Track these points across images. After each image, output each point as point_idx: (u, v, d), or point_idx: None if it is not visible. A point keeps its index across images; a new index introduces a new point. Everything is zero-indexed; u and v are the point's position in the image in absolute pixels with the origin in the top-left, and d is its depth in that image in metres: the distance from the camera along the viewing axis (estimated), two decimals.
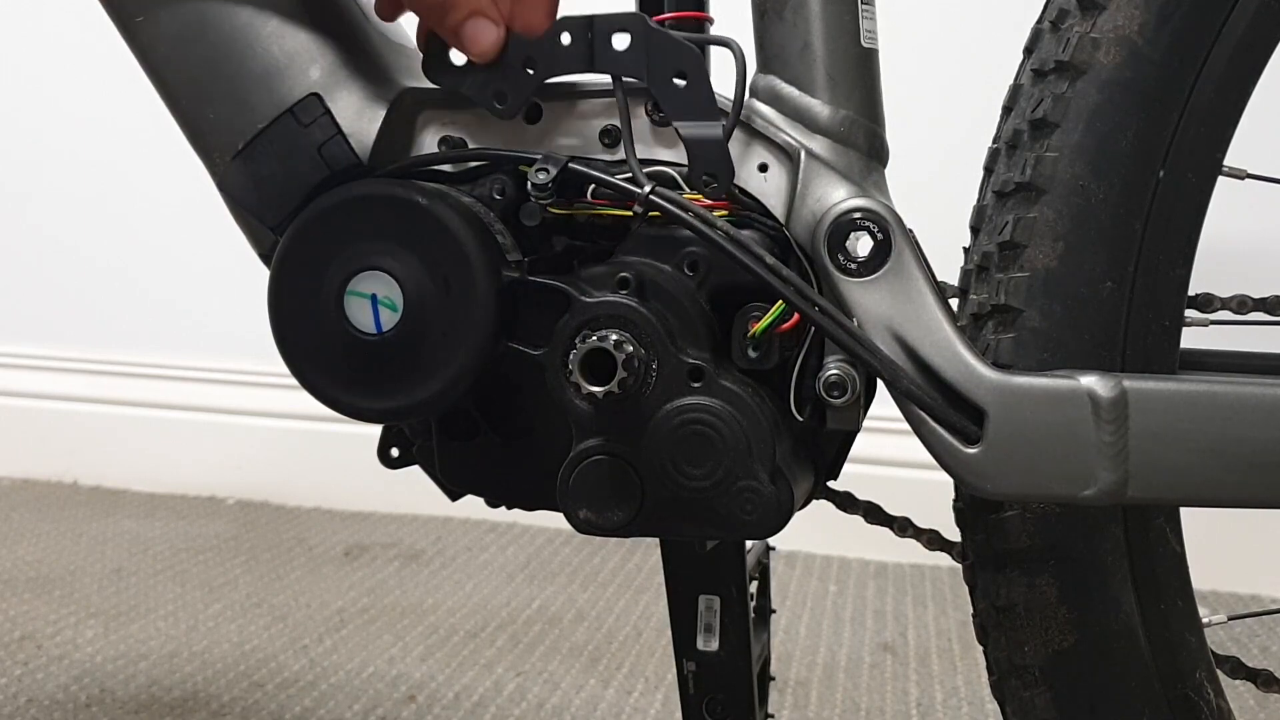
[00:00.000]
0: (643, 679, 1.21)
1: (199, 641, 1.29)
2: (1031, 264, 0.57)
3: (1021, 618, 0.59)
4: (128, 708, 1.13)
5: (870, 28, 0.60)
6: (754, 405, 0.55)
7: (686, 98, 0.57)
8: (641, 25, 0.57)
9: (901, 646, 1.30)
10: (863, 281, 0.56)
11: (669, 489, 0.56)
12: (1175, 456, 0.52)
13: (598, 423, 0.56)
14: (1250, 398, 0.52)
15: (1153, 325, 0.57)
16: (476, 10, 0.56)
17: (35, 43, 1.84)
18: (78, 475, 1.87)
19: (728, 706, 0.68)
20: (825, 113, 0.59)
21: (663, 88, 0.57)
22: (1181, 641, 0.59)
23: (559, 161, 0.57)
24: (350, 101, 0.60)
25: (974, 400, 0.54)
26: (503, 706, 1.14)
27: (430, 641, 1.30)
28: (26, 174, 1.88)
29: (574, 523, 0.58)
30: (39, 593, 1.42)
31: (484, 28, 0.56)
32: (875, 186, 0.59)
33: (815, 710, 1.15)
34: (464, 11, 0.56)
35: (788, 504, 0.56)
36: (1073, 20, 0.57)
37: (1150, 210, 0.56)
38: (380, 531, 1.68)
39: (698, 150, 0.57)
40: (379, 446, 0.65)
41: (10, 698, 1.15)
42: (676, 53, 0.57)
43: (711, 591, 0.68)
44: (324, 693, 1.17)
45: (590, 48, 0.57)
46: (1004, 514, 0.58)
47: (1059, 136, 0.56)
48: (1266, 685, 0.67)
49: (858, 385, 0.57)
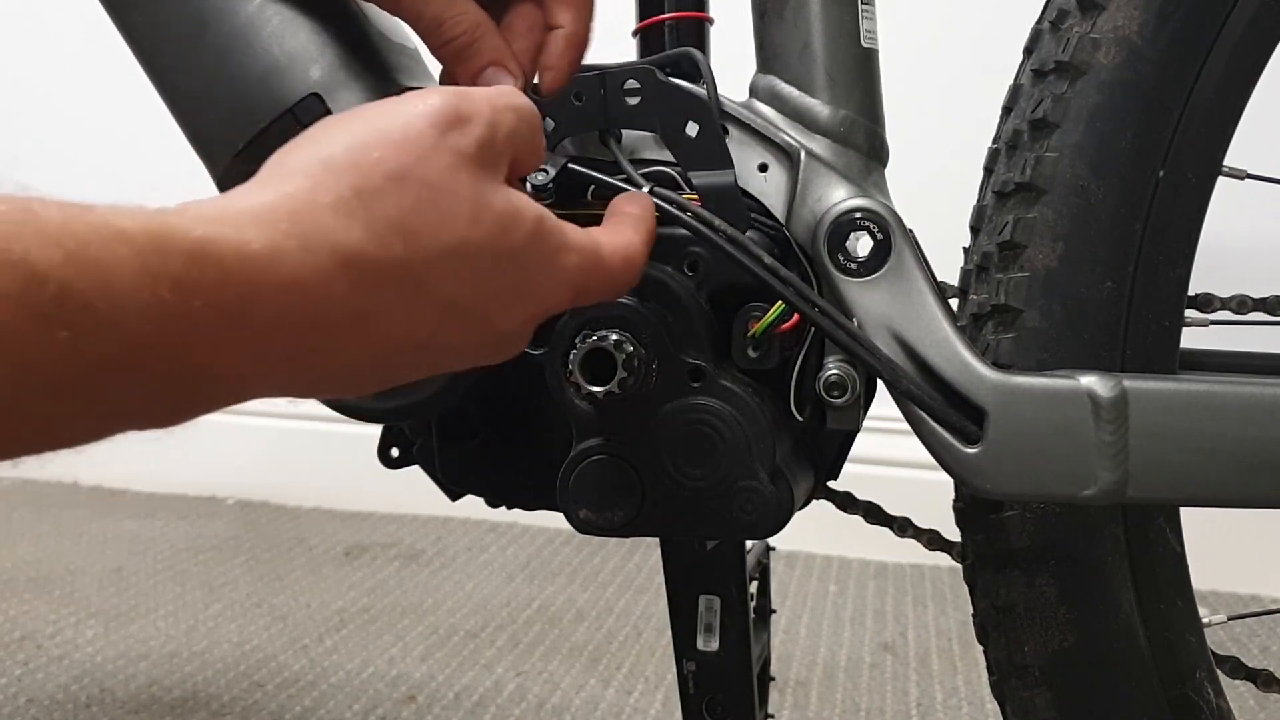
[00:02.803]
0: (643, 679, 1.21)
1: (199, 641, 1.29)
2: (1031, 264, 0.57)
3: (1021, 618, 0.59)
4: (128, 708, 1.13)
5: (870, 28, 0.60)
6: (754, 405, 0.55)
7: (699, 147, 0.58)
8: (650, 78, 0.58)
9: (901, 646, 1.30)
10: (863, 281, 0.56)
11: (669, 489, 0.56)
12: (1175, 456, 0.52)
13: (598, 423, 0.56)
14: (1250, 398, 0.52)
15: (1152, 325, 0.57)
16: (495, 60, 0.55)
17: (35, 43, 1.84)
18: (78, 475, 1.87)
19: (728, 706, 0.68)
20: (825, 113, 0.59)
21: (675, 138, 0.58)
22: (1181, 641, 0.59)
23: (558, 162, 0.57)
24: (351, 101, 0.60)
25: (974, 400, 0.54)
26: (503, 706, 1.14)
27: (430, 641, 1.30)
28: (26, 174, 1.88)
29: (574, 523, 0.58)
30: (39, 593, 1.42)
31: (502, 79, 0.55)
32: (875, 186, 0.59)
33: (815, 710, 1.15)
34: (483, 60, 0.55)
35: (788, 504, 0.56)
36: (1073, 20, 0.57)
37: (1150, 210, 0.56)
38: (380, 531, 1.68)
39: (712, 198, 0.57)
40: (379, 446, 0.65)
41: (10, 698, 1.15)
42: (687, 103, 0.58)
43: (711, 591, 0.68)
44: (324, 693, 1.17)
45: (604, 103, 0.58)
46: (1004, 514, 0.58)
47: (1059, 137, 0.56)
48: (1266, 685, 0.67)
49: (858, 385, 0.57)
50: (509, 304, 0.43)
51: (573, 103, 0.58)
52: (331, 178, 0.38)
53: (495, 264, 0.42)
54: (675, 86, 0.58)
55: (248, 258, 0.34)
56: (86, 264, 0.29)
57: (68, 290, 0.29)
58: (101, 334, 0.30)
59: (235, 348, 0.34)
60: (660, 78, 0.58)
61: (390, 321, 0.39)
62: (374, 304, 0.38)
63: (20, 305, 0.28)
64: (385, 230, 0.38)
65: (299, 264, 0.35)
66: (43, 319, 0.28)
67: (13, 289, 0.28)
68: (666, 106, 0.58)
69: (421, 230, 0.39)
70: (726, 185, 0.57)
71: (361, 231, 0.37)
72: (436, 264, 0.39)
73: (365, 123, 0.41)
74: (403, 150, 0.39)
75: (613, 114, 0.58)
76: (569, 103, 0.58)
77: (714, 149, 0.58)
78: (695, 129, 0.58)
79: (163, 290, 0.31)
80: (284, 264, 0.35)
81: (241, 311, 0.33)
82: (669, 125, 0.58)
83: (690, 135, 0.58)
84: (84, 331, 0.29)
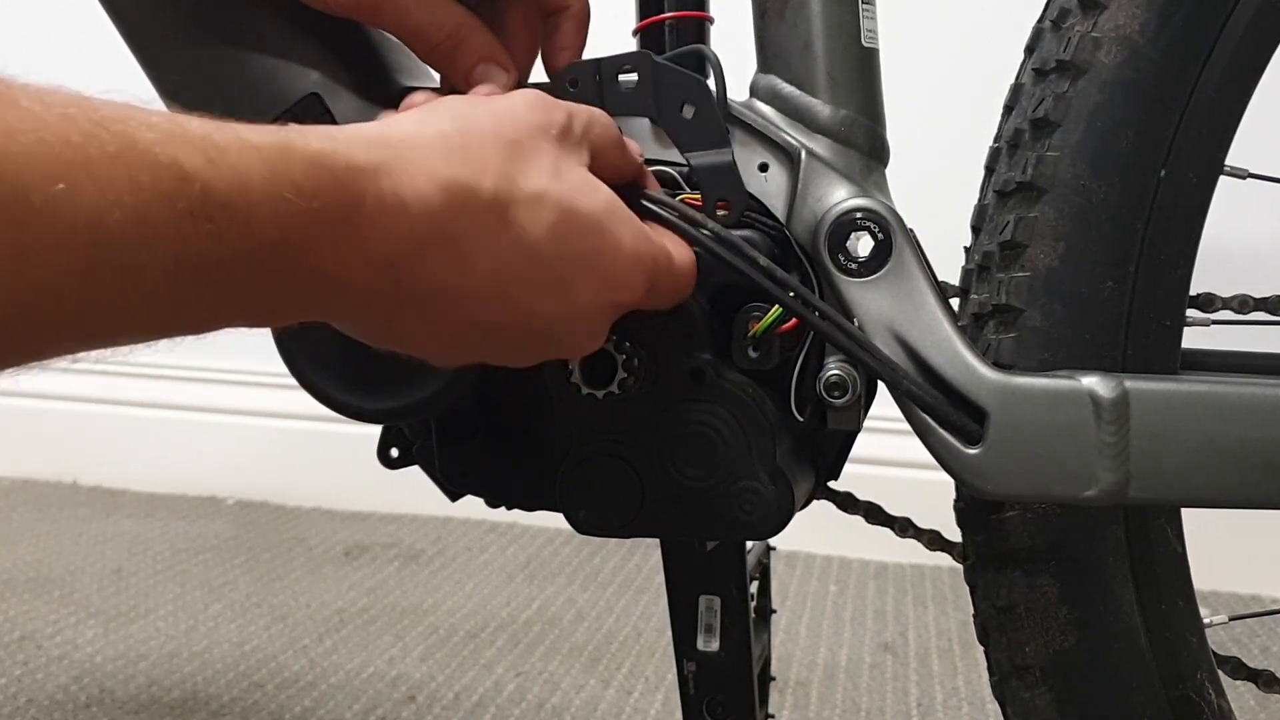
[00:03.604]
0: (643, 679, 1.20)
1: (199, 642, 1.29)
2: (1033, 264, 0.56)
3: (1022, 618, 0.59)
4: (127, 708, 1.13)
5: (871, 27, 0.60)
6: (754, 406, 0.55)
7: (695, 128, 0.57)
8: (647, 63, 0.57)
9: (902, 647, 1.30)
10: (863, 281, 0.56)
11: (669, 489, 0.56)
12: (1176, 457, 0.52)
13: (598, 424, 0.56)
14: (1252, 398, 0.52)
15: (1154, 325, 0.57)
16: (486, 56, 0.56)
17: (34, 42, 1.83)
18: (78, 475, 1.87)
19: (728, 707, 0.68)
20: (826, 112, 0.59)
21: (672, 121, 0.58)
22: (1182, 642, 0.59)
23: None
24: (351, 102, 0.60)
25: (975, 400, 0.54)
26: (503, 707, 1.14)
27: (430, 642, 1.30)
28: None
29: (574, 523, 0.58)
30: (39, 593, 1.42)
31: (494, 73, 0.56)
32: (876, 186, 0.59)
33: (815, 711, 1.15)
34: (472, 58, 0.56)
35: (788, 504, 0.56)
36: (1074, 19, 0.57)
37: (1152, 210, 0.56)
38: (380, 531, 1.68)
39: (710, 178, 0.57)
40: (379, 447, 0.65)
41: (10, 698, 1.14)
42: (683, 85, 0.57)
43: (712, 592, 0.67)
44: (324, 693, 1.17)
45: (600, 90, 0.58)
46: (1005, 514, 0.58)
47: (1060, 136, 0.56)
48: (1267, 686, 0.67)
49: (858, 385, 0.57)
50: (586, 274, 0.47)
51: (568, 90, 0.58)
52: (435, 120, 0.44)
53: (574, 222, 0.46)
54: (670, 69, 0.57)
55: (356, 169, 0.38)
56: (225, 168, 0.34)
57: (210, 190, 0.33)
58: (236, 229, 0.34)
59: (343, 249, 0.38)
60: (655, 60, 0.57)
61: (477, 253, 0.43)
62: (463, 229, 0.42)
63: (172, 201, 0.32)
64: (479, 168, 0.43)
65: (399, 181, 0.40)
66: (189, 215, 0.33)
67: (167, 187, 0.32)
68: (662, 90, 0.57)
69: (511, 173, 0.44)
70: (724, 164, 0.57)
71: (459, 164, 0.42)
72: (522, 204, 0.44)
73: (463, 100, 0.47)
74: (498, 116, 0.45)
75: (608, 100, 0.58)
76: (564, 90, 0.58)
77: (711, 128, 0.57)
78: (691, 111, 0.57)
79: (286, 191, 0.36)
80: (386, 178, 0.39)
81: (350, 215, 0.38)
82: (665, 108, 0.58)
83: (686, 117, 0.57)
84: (223, 225, 0.34)
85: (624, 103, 0.58)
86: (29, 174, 0.29)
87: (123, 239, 0.31)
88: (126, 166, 0.31)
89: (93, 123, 0.31)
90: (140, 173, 0.32)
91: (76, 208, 0.30)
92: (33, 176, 0.29)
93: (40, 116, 0.30)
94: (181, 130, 0.34)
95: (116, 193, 0.31)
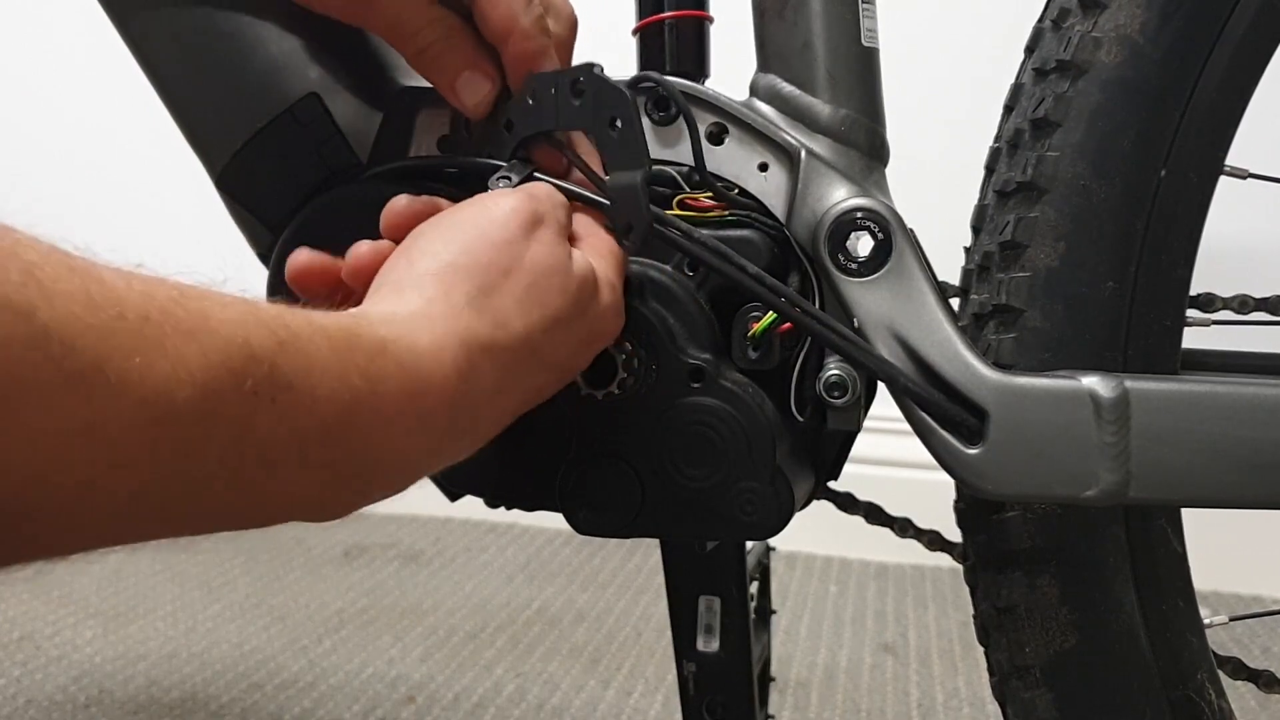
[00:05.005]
0: (643, 680, 1.20)
1: (198, 642, 1.28)
2: (1033, 264, 0.56)
3: (1023, 619, 0.59)
4: (126, 708, 1.13)
5: (871, 26, 0.60)
6: (754, 406, 0.55)
7: (619, 145, 0.55)
8: (590, 76, 0.55)
9: (902, 647, 1.30)
10: (863, 281, 0.56)
11: (669, 489, 0.56)
12: (1177, 457, 0.52)
13: (598, 424, 0.56)
14: (1252, 398, 0.52)
15: (1154, 325, 0.57)
16: (470, 64, 0.56)
17: (34, 42, 1.83)
18: None
19: (728, 707, 0.68)
20: (826, 112, 0.58)
21: (601, 136, 0.55)
22: (1183, 642, 0.59)
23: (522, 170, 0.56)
24: (349, 102, 0.60)
25: (975, 400, 0.53)
26: (502, 707, 1.14)
27: (430, 642, 1.29)
28: (26, 175, 1.88)
29: (574, 523, 0.58)
30: (38, 593, 1.42)
31: (477, 82, 0.56)
32: (876, 186, 0.59)
33: (816, 711, 1.15)
34: (458, 67, 0.56)
35: (788, 504, 0.56)
36: (1074, 19, 0.57)
37: (1152, 210, 0.56)
38: (380, 532, 1.68)
39: (621, 198, 0.54)
40: None
41: (9, 698, 1.14)
42: (612, 100, 0.55)
43: (712, 592, 0.67)
44: (323, 693, 1.17)
45: (555, 104, 0.56)
46: (1005, 515, 0.58)
47: (1060, 136, 0.56)
48: (1268, 686, 0.67)
49: (858, 385, 0.57)
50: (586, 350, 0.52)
51: (527, 103, 0.57)
52: (460, 282, 0.45)
53: (582, 321, 0.50)
54: (606, 83, 0.55)
55: (419, 353, 0.41)
56: (295, 351, 0.35)
57: (276, 370, 0.34)
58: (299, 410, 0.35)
59: (408, 428, 0.40)
60: (596, 74, 0.55)
61: (519, 389, 0.48)
62: (506, 378, 0.46)
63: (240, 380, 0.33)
64: (506, 317, 0.46)
65: (454, 357, 0.42)
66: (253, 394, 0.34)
67: (236, 365, 0.33)
68: (600, 105, 0.55)
69: (531, 309, 0.47)
70: (627, 185, 0.54)
71: (491, 323, 0.45)
72: (546, 333, 0.47)
73: (465, 229, 0.48)
74: (505, 250, 0.47)
75: (561, 114, 0.56)
76: (524, 104, 0.57)
77: (631, 148, 0.55)
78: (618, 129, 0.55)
79: (353, 378, 0.37)
80: (444, 358, 0.42)
81: (415, 397, 0.40)
82: (598, 124, 0.55)
83: (613, 135, 0.55)
84: (285, 407, 0.35)
85: (573, 117, 0.56)
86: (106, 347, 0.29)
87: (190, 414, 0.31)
88: (200, 344, 0.32)
89: (171, 300, 0.32)
90: (212, 351, 0.32)
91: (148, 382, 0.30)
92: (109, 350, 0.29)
93: (121, 293, 0.31)
94: (254, 311, 0.35)
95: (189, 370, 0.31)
